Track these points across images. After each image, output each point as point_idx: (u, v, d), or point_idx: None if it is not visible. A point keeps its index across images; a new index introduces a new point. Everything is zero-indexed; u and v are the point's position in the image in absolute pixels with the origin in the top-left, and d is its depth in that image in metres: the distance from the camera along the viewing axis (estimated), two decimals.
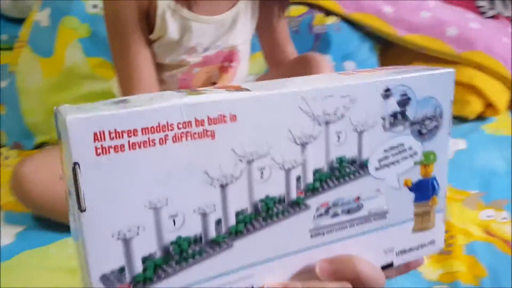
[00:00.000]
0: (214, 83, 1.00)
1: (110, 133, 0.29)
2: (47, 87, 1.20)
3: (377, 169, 0.41)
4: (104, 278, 0.31)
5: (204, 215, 0.34)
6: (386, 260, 0.43)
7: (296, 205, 0.38)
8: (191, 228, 0.33)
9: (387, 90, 0.39)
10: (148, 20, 0.92)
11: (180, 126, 0.31)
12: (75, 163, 0.29)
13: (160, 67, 0.97)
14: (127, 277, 0.31)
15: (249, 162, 0.35)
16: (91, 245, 0.30)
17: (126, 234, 0.31)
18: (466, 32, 1.29)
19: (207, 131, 0.32)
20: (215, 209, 0.34)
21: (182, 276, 0.34)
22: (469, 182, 1.03)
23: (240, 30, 0.98)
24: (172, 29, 0.91)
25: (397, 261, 0.43)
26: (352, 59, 1.34)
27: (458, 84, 1.25)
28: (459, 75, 1.25)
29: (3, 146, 1.19)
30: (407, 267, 0.45)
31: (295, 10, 1.42)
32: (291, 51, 1.11)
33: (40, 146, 1.19)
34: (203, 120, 0.32)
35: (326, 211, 0.39)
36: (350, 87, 0.38)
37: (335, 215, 0.40)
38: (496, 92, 1.25)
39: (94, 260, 0.30)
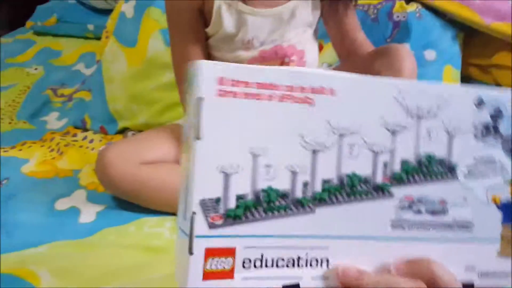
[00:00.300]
0: None
1: (231, 80, 0.35)
2: (130, 76, 1.26)
3: (465, 176, 0.41)
4: (203, 203, 0.35)
5: (294, 174, 0.37)
6: (466, 278, 0.42)
7: (381, 190, 0.39)
8: (281, 182, 0.37)
9: (481, 100, 0.41)
10: (204, 14, 0.95)
11: (287, 88, 0.36)
12: (200, 98, 0.34)
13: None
14: (221, 208, 0.35)
15: (341, 135, 0.38)
16: (198, 171, 0.34)
17: (227, 170, 0.35)
18: None
19: (308, 98, 0.37)
20: (304, 171, 0.37)
21: (266, 224, 0.36)
22: None
23: (299, 22, 0.97)
24: (228, 23, 0.93)
25: (478, 283, 0.42)
26: (433, 48, 1.29)
27: None
28: None
29: (89, 130, 1.26)
30: None
31: None
32: (361, 40, 1.07)
33: (122, 131, 1.25)
34: (306, 87, 0.36)
35: (410, 205, 0.40)
36: (445, 88, 0.40)
37: (419, 212, 0.40)
38: None
39: (197, 184, 0.34)
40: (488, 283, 0.42)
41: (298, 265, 0.37)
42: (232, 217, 0.36)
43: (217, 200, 0.35)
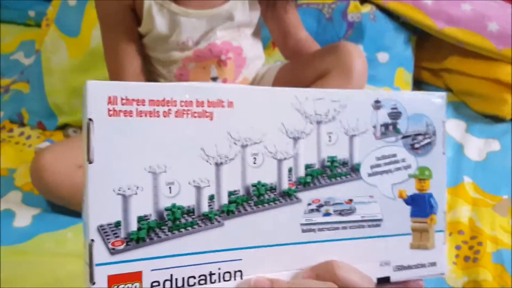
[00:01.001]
0: (216, 78, 0.96)
1: (121, 99, 0.34)
2: (71, 67, 1.19)
3: (369, 175, 0.43)
4: (101, 229, 0.33)
5: (198, 188, 0.37)
6: (382, 273, 0.43)
7: (287, 196, 0.40)
8: (186, 198, 0.36)
9: (377, 101, 0.43)
10: (136, 13, 0.90)
11: (183, 103, 0.36)
12: (90, 119, 0.33)
13: (156, 62, 0.96)
14: (122, 232, 0.34)
15: (243, 146, 0.38)
16: (94, 196, 0.33)
17: (125, 191, 0.34)
18: (508, 28, 1.22)
19: (206, 112, 0.37)
20: (209, 185, 0.37)
21: (173, 243, 0.36)
22: (501, 186, 0.98)
23: (236, 23, 0.95)
24: (160, 24, 0.89)
25: (394, 277, 0.44)
26: (386, 50, 1.29)
27: (497, 82, 1.20)
28: (498, 72, 1.19)
29: (26, 126, 1.18)
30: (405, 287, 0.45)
31: None
32: (305, 38, 1.04)
33: (62, 127, 1.18)
34: (203, 101, 0.37)
35: (318, 208, 0.41)
36: (340, 93, 0.42)
37: (327, 213, 0.42)
38: None
39: (94, 210, 0.33)
40: (404, 276, 0.44)
41: (211, 281, 0.37)
42: (135, 240, 0.35)
43: (117, 224, 0.34)
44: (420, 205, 0.46)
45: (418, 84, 1.35)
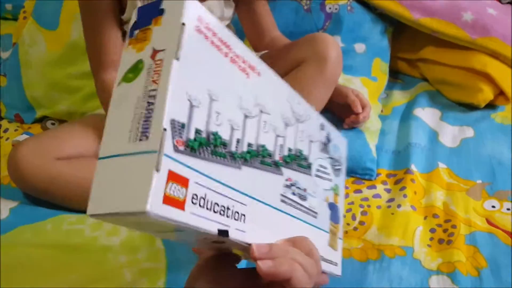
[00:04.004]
0: None
1: (206, 23, 0.38)
2: (50, 60, 1.18)
3: (315, 175, 0.52)
4: (172, 123, 0.34)
5: (232, 129, 0.40)
6: None
7: (276, 166, 0.46)
8: (224, 132, 0.39)
9: (322, 125, 0.55)
10: (120, 0, 0.91)
11: (235, 54, 0.41)
12: (184, 24, 0.35)
13: None
14: (184, 135, 0.35)
15: (261, 112, 0.44)
16: (173, 89, 0.34)
17: (192, 101, 0.36)
18: (483, 18, 1.24)
19: (246, 70, 0.42)
20: (239, 130, 0.41)
21: (211, 166, 0.37)
22: (474, 171, 1.01)
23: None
24: None
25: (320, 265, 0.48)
26: (363, 41, 1.30)
27: (471, 71, 1.22)
28: (473, 61, 1.21)
29: (3, 119, 1.18)
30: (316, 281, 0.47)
31: None
32: (279, 37, 1.09)
33: (40, 120, 1.18)
34: (246, 61, 0.42)
35: (290, 186, 0.47)
36: (307, 106, 0.52)
37: (294, 193, 0.48)
38: (509, 80, 1.20)
39: (171, 102, 0.34)
40: (323, 266, 0.49)
41: (227, 215, 0.38)
42: (190, 148, 0.35)
43: (183, 125, 0.35)
44: (335, 213, 0.55)
45: (395, 74, 1.37)
